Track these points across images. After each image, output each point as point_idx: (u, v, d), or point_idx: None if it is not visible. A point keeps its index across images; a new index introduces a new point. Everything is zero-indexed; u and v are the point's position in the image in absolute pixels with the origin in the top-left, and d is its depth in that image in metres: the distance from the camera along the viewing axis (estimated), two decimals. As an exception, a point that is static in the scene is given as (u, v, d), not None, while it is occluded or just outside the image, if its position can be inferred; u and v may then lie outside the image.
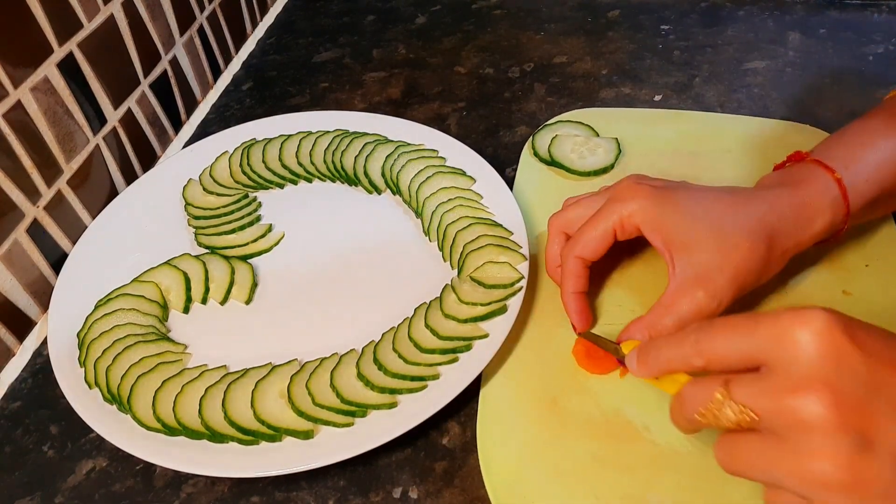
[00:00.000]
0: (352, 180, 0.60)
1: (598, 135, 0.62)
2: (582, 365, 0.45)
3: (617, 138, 0.61)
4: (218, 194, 0.59)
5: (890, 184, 0.44)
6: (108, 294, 0.51)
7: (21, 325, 0.53)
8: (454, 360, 0.45)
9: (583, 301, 0.46)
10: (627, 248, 0.51)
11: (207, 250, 0.55)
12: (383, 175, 0.59)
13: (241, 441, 0.42)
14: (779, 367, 0.29)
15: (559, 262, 0.47)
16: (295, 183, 0.61)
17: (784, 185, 0.44)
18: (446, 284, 0.50)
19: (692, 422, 0.32)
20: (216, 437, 0.42)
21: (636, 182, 0.44)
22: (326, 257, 0.55)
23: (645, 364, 0.36)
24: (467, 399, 0.45)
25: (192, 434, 0.42)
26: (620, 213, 0.43)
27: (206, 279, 0.52)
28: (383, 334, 0.47)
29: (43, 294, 0.54)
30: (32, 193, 0.52)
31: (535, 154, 0.61)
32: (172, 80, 0.69)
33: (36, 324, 0.54)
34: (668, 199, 0.43)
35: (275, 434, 0.42)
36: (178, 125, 0.70)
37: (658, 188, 0.43)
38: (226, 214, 0.57)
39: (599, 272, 0.51)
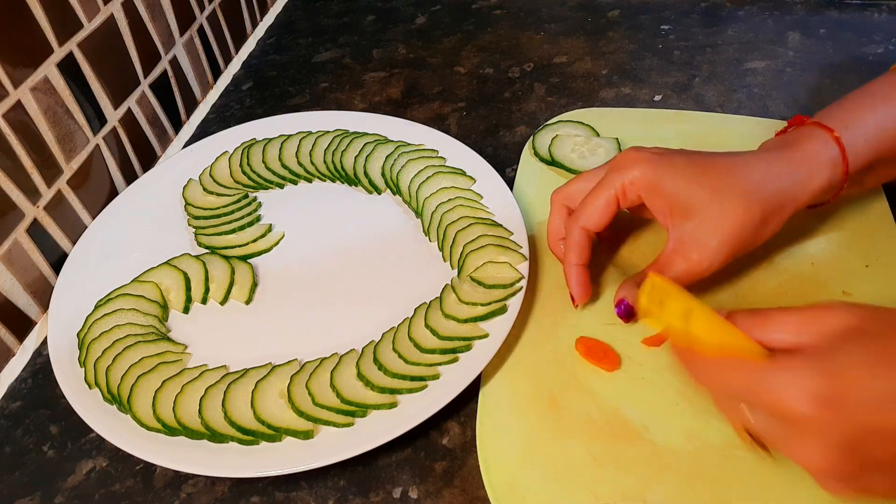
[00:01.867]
0: (352, 180, 0.60)
1: (598, 135, 0.62)
2: (590, 360, 0.46)
3: (617, 138, 0.61)
4: (218, 194, 0.59)
5: (889, 147, 0.44)
6: (108, 294, 0.51)
7: (21, 325, 0.53)
8: (454, 360, 0.45)
9: (585, 273, 0.47)
10: (630, 239, 0.51)
11: (207, 250, 0.55)
12: (383, 175, 0.59)
13: (241, 441, 0.42)
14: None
15: (561, 235, 0.48)
16: (295, 183, 0.61)
17: (781, 146, 0.45)
18: (446, 284, 0.50)
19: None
20: (216, 437, 0.42)
21: (636, 151, 0.45)
22: (326, 257, 0.55)
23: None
24: (467, 399, 0.45)
25: (192, 434, 0.42)
26: (622, 180, 0.44)
27: (206, 279, 0.52)
28: (383, 334, 0.47)
29: (43, 294, 0.54)
30: (32, 193, 0.52)
31: (536, 154, 0.61)
32: (172, 80, 0.69)
33: (36, 324, 0.54)
34: (666, 163, 0.44)
35: (275, 434, 0.42)
36: (178, 125, 0.70)
37: (657, 154, 0.44)
38: (226, 214, 0.57)
39: (601, 266, 0.51)
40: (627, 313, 0.45)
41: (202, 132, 0.71)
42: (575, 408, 0.43)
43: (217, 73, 0.77)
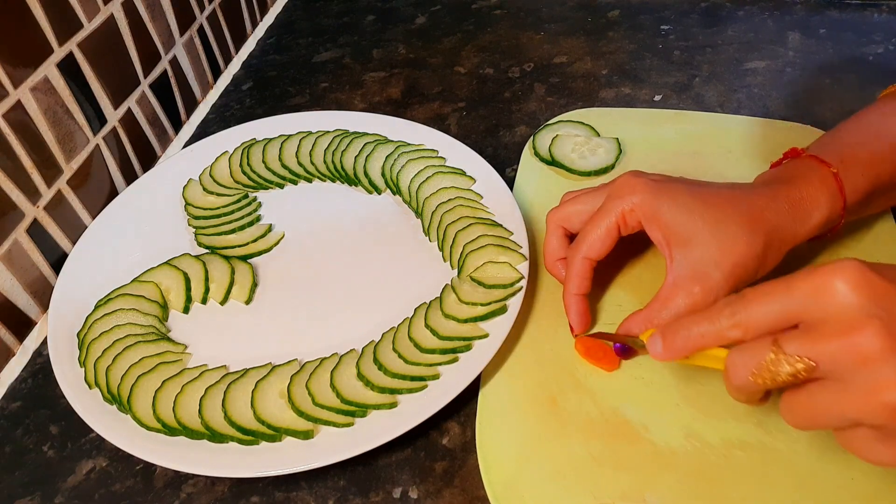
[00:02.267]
0: (352, 180, 0.60)
1: (598, 135, 0.62)
2: (589, 360, 0.46)
3: (618, 138, 0.61)
4: (218, 194, 0.59)
5: (885, 179, 0.45)
6: (108, 294, 0.51)
7: (21, 325, 0.53)
8: (454, 360, 0.45)
9: (585, 303, 0.46)
10: (628, 249, 0.51)
11: (207, 250, 0.55)
12: (383, 175, 0.59)
13: (241, 441, 0.42)
14: (824, 316, 0.30)
15: (558, 256, 0.48)
16: (295, 183, 0.61)
17: (781, 181, 0.44)
18: (446, 284, 0.50)
19: (746, 386, 0.33)
20: (216, 437, 0.42)
21: (634, 176, 0.44)
22: (326, 257, 0.55)
23: (672, 347, 0.36)
24: (467, 399, 0.45)
25: (192, 434, 0.42)
26: (622, 208, 0.43)
27: (206, 279, 0.52)
28: (383, 334, 0.47)
29: (43, 294, 0.54)
30: (32, 193, 0.52)
31: (536, 154, 0.61)
32: (172, 80, 0.69)
33: (36, 324, 0.54)
34: (666, 192, 0.43)
35: (275, 434, 0.42)
36: (178, 125, 0.70)
37: (656, 181, 0.44)
38: (226, 214, 0.57)
39: (600, 272, 0.51)
40: (625, 352, 0.45)
41: (202, 132, 0.71)
42: (574, 407, 0.43)
43: (217, 73, 0.77)
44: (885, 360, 0.28)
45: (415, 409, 0.43)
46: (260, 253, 0.55)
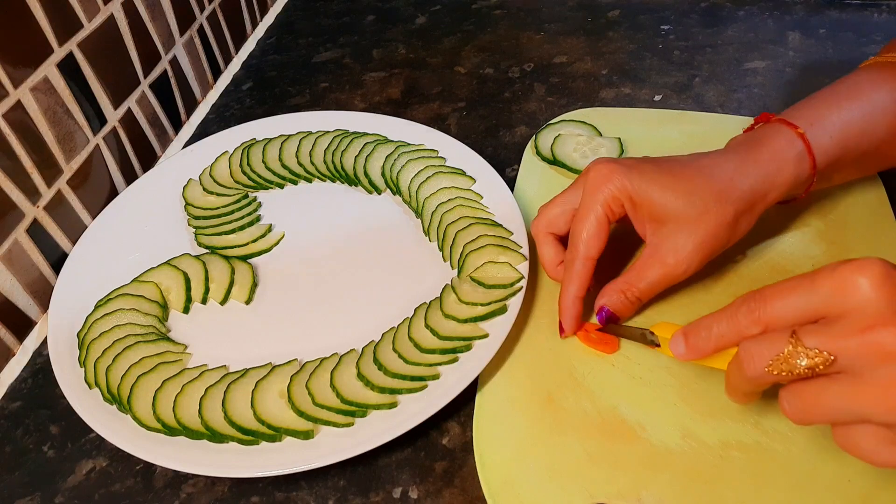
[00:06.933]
0: (352, 180, 0.60)
1: (601, 134, 0.62)
2: (588, 344, 0.46)
3: (620, 138, 0.61)
4: (218, 194, 0.59)
5: (854, 144, 0.45)
6: (108, 294, 0.51)
7: (21, 325, 0.53)
8: (454, 360, 0.45)
9: (581, 308, 0.46)
10: (626, 245, 0.51)
11: (207, 250, 0.55)
12: (383, 175, 0.59)
13: (241, 441, 0.42)
14: (846, 312, 0.30)
15: (558, 261, 0.48)
16: (295, 183, 0.61)
17: (749, 145, 0.45)
18: (446, 284, 0.50)
19: (760, 377, 0.33)
20: (216, 437, 0.42)
21: (605, 164, 0.45)
22: (326, 257, 0.55)
23: (695, 347, 0.37)
24: (467, 399, 0.45)
25: (192, 434, 0.42)
26: (604, 198, 0.44)
27: (206, 279, 0.52)
28: (383, 334, 0.48)
29: (43, 294, 0.54)
30: (32, 193, 0.52)
31: (538, 153, 0.61)
32: (172, 80, 0.69)
33: (36, 324, 0.54)
34: (638, 172, 0.44)
35: (275, 434, 0.42)
36: (178, 125, 0.70)
37: (627, 164, 0.45)
38: (226, 214, 0.57)
39: (598, 271, 0.51)
40: (609, 320, 0.45)
41: (202, 132, 0.71)
42: (572, 406, 0.44)
43: (217, 73, 0.77)
44: None
45: (415, 409, 0.43)
46: (260, 253, 0.55)
